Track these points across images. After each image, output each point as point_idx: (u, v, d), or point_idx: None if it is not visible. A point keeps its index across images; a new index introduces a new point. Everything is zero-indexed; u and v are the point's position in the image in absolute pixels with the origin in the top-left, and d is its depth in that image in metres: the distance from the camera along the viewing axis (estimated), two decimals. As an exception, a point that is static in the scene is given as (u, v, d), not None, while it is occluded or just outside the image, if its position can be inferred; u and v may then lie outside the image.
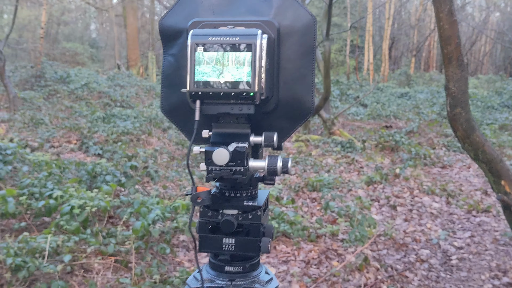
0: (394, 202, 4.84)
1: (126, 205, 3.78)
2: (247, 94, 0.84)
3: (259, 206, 0.90)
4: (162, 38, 0.95)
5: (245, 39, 0.82)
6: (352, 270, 3.22)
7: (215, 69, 0.83)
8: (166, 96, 0.95)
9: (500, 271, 3.35)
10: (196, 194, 0.86)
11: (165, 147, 6.41)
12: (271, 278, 0.90)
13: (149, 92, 11.82)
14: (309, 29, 0.89)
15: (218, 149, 0.83)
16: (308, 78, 0.90)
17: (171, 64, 0.93)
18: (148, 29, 23.48)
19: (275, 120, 0.92)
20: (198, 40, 0.83)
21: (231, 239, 0.90)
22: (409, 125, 8.52)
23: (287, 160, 0.87)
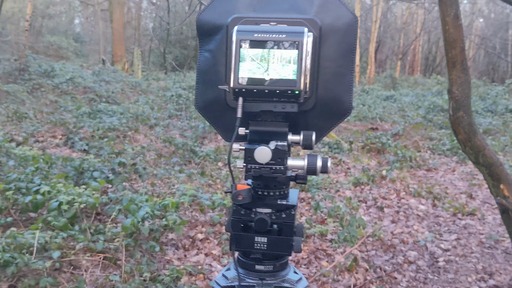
0: (381, 204, 4.87)
1: (114, 202, 3.74)
2: (292, 92, 0.83)
3: (293, 205, 0.89)
4: (200, 33, 0.93)
5: (292, 37, 0.81)
6: (341, 271, 3.23)
7: (260, 66, 0.82)
8: (201, 92, 0.93)
9: (486, 274, 3.39)
10: (237, 192, 0.85)
11: (152, 144, 6.35)
12: (301, 277, 0.89)
13: (134, 88, 11.72)
14: (350, 28, 0.89)
15: (260, 147, 0.82)
16: (348, 77, 0.89)
17: (208, 60, 0.92)
18: (134, 25, 23.28)
19: (313, 119, 0.91)
20: (243, 36, 0.82)
21: (264, 238, 0.89)
22: (395, 128, 8.60)
23: (327, 160, 0.87)
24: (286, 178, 0.88)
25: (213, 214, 3.90)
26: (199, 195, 4.07)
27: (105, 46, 23.28)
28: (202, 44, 0.93)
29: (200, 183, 4.71)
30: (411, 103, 11.80)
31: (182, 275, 2.93)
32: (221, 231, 3.69)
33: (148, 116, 8.05)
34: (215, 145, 6.89)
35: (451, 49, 1.59)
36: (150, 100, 9.77)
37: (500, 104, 11.13)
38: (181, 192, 4.14)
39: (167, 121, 8.04)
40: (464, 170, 6.45)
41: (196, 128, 7.54)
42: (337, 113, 0.91)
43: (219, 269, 3.17)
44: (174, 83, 13.33)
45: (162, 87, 12.30)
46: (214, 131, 7.60)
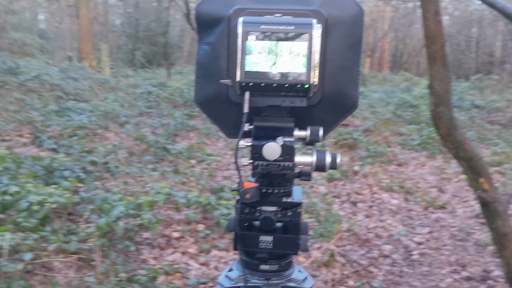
0: (355, 199, 4.92)
1: (86, 202, 3.65)
2: (302, 86, 0.80)
3: (299, 202, 0.87)
4: (199, 25, 0.89)
5: (301, 29, 0.78)
6: (319, 266, 3.25)
7: (268, 59, 0.79)
8: (201, 87, 0.89)
9: (459, 266, 3.47)
10: (245, 190, 0.81)
11: (123, 142, 6.24)
12: (306, 276, 0.87)
13: (103, 86, 11.48)
14: (356, 20, 0.86)
15: (269, 144, 0.79)
16: (354, 71, 0.87)
17: (208, 53, 0.88)
18: (102, 21, 22.83)
19: (319, 114, 0.89)
20: (249, 28, 0.78)
21: (269, 237, 0.86)
22: (366, 124, 8.70)
23: (336, 156, 0.85)
24: (294, 175, 0.85)
25: (189, 212, 3.86)
26: (173, 193, 4.02)
27: (72, 42, 22.76)
28: (202, 36, 0.89)
29: (174, 181, 4.65)
30: (380, 99, 11.97)
31: (159, 275, 2.89)
32: (197, 229, 3.65)
33: (118, 113, 7.90)
34: (188, 142, 6.82)
35: (432, 44, 1.60)
36: (120, 97, 9.59)
37: (466, 99, 11.41)
38: (155, 190, 4.08)
39: (138, 118, 7.91)
40: (433, 164, 6.58)
41: (167, 125, 7.45)
42: (344, 108, 0.89)
43: (196, 268, 3.14)
44: (143, 80, 13.14)
45: (132, 84, 12.10)
46: (186, 129, 7.52)
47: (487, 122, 9.69)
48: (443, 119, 1.66)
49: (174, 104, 9.48)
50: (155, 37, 20.78)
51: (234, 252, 3.41)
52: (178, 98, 9.77)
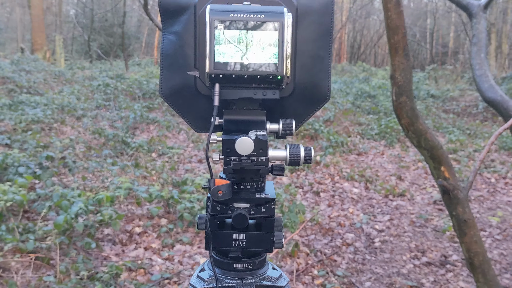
0: (317, 189, 4.97)
1: (43, 199, 3.53)
2: (274, 78, 0.77)
3: (273, 198, 0.84)
4: (163, 14, 0.84)
5: (272, 17, 0.75)
6: (284, 257, 3.26)
7: (238, 49, 0.75)
8: (167, 79, 0.84)
9: (419, 252, 3.56)
10: (216, 187, 0.77)
11: (80, 136, 6.07)
12: (281, 274, 0.85)
13: (58, 78, 11.12)
14: (327, 8, 0.83)
15: (241, 138, 0.75)
16: (325, 61, 0.84)
17: (173, 43, 0.83)
18: (55, 11, 22.06)
19: (291, 106, 0.85)
20: (218, 16, 0.75)
21: (242, 235, 0.83)
22: (326, 114, 8.79)
23: (310, 149, 0.82)
24: (267, 170, 0.83)
25: (151, 206, 3.79)
26: (134, 188, 3.94)
27: (24, 33, 21.93)
28: (166, 26, 0.84)
29: (135, 175, 4.56)
30: (340, 90, 12.11)
31: (122, 271, 2.83)
32: (160, 224, 3.60)
33: (75, 107, 7.68)
34: (148, 135, 6.71)
35: (394, 35, 1.61)
36: (76, 90, 9.32)
37: (422, 89, 11.71)
38: (115, 185, 3.99)
39: (95, 111, 7.71)
40: (392, 153, 6.73)
41: (126, 118, 7.30)
42: (316, 99, 0.86)
43: (160, 263, 3.09)
44: (100, 72, 12.81)
45: (88, 76, 11.77)
46: (146, 121, 7.39)
47: (442, 111, 9.99)
48: (405, 109, 1.68)
49: (132, 97, 9.29)
50: (111, 28, 20.27)
51: (198, 246, 3.37)
52: (137, 90, 9.58)
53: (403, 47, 1.61)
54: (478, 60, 2.60)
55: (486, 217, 4.39)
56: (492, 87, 2.46)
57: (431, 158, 1.74)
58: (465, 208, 1.75)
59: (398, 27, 1.60)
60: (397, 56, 1.62)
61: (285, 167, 0.87)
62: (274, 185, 4.89)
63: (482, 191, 5.18)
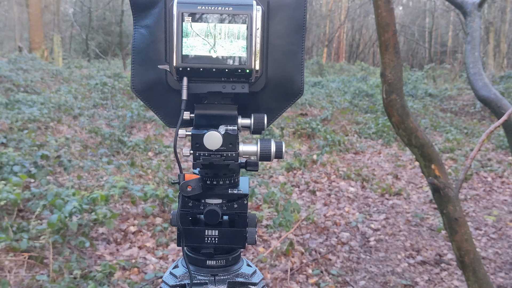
0: (314, 187, 4.97)
1: (38, 197, 3.52)
2: (243, 71, 0.76)
3: (245, 194, 0.83)
4: (133, 7, 0.83)
5: (240, 10, 0.74)
6: (278, 256, 3.25)
7: (206, 42, 0.75)
8: (139, 74, 0.84)
9: (414, 250, 3.56)
10: (185, 182, 0.77)
11: (76, 135, 6.05)
12: (255, 270, 0.85)
13: (56, 77, 11.10)
14: (300, 3, 0.83)
15: (210, 132, 0.75)
16: (298, 56, 0.84)
17: (145, 37, 0.83)
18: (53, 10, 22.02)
19: (263, 101, 0.85)
20: (185, 9, 0.74)
21: (214, 231, 0.83)
22: (324, 113, 8.79)
23: (281, 144, 0.81)
24: (237, 165, 0.82)
25: (145, 205, 3.78)
26: (129, 187, 3.93)
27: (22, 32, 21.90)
28: (137, 19, 0.84)
29: (131, 174, 4.55)
30: (337, 89, 12.11)
31: (115, 270, 2.82)
32: (155, 223, 3.59)
33: (72, 105, 7.66)
34: (144, 134, 6.69)
35: (384, 32, 1.61)
36: (73, 89, 9.30)
37: (420, 88, 11.71)
38: (110, 184, 3.98)
39: (92, 110, 7.70)
40: (389, 152, 6.72)
41: (123, 117, 7.29)
42: (289, 94, 0.86)
43: (154, 262, 3.08)
44: (98, 70, 12.80)
45: (86, 75, 11.76)
46: (143, 120, 7.38)
47: (440, 110, 9.99)
48: (396, 107, 1.67)
49: (130, 95, 9.27)
50: (109, 27, 20.27)
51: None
52: (135, 89, 9.57)
53: (393, 45, 1.61)
54: (472, 58, 2.60)
55: (482, 216, 4.38)
56: (486, 86, 2.46)
57: (421, 156, 1.74)
58: (456, 206, 1.75)
59: (389, 24, 1.59)
60: (387, 53, 1.62)
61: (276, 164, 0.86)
62: (270, 183, 4.88)
63: (479, 190, 5.17)
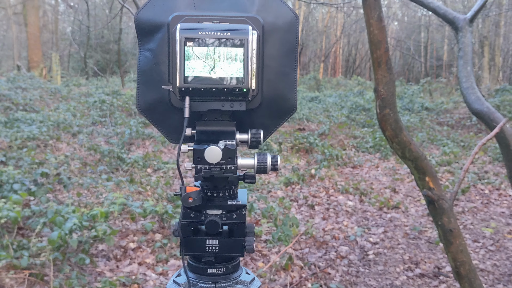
0: (312, 202, 4.99)
1: (38, 215, 3.54)
2: (240, 90, 0.82)
3: (244, 205, 0.88)
4: (139, 32, 0.90)
5: (237, 35, 0.80)
6: (277, 270, 3.27)
7: (206, 64, 0.81)
8: (143, 93, 0.90)
9: (413, 263, 3.57)
10: (187, 194, 0.82)
11: (76, 152, 6.09)
12: (253, 278, 0.89)
13: (54, 95, 11.18)
14: (292, 27, 0.89)
15: (210, 147, 0.81)
16: (291, 76, 0.90)
17: (149, 60, 0.89)
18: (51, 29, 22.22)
19: (259, 118, 0.91)
20: (187, 34, 0.80)
21: (215, 240, 0.88)
22: (321, 128, 8.85)
23: (276, 158, 0.87)
24: (236, 178, 0.87)
25: (145, 222, 3.80)
26: (129, 203, 3.95)
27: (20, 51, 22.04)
28: (142, 43, 0.90)
29: (130, 190, 4.58)
30: (334, 103, 12.20)
31: (115, 287, 2.83)
32: (154, 239, 3.61)
33: (70, 123, 7.71)
34: (143, 151, 6.73)
35: (376, 49, 1.66)
36: (72, 106, 9.36)
37: (416, 102, 11.80)
38: (110, 201, 4.00)
39: (91, 128, 7.74)
40: (387, 166, 6.76)
41: (122, 134, 7.33)
42: (283, 111, 0.92)
43: (154, 278, 3.09)
44: (96, 88, 12.88)
45: (84, 93, 11.83)
46: (141, 137, 7.42)
47: (436, 124, 10.05)
48: (389, 121, 1.71)
49: (128, 113, 9.33)
50: (108, 45, 20.42)
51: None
52: (133, 106, 9.63)
53: (385, 61, 1.66)
54: (465, 73, 2.65)
55: (479, 228, 4.41)
56: (479, 99, 2.51)
57: (415, 169, 1.77)
58: (450, 217, 1.78)
59: (380, 42, 1.64)
60: (380, 70, 1.66)
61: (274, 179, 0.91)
62: (269, 198, 4.91)
63: (476, 202, 5.20)
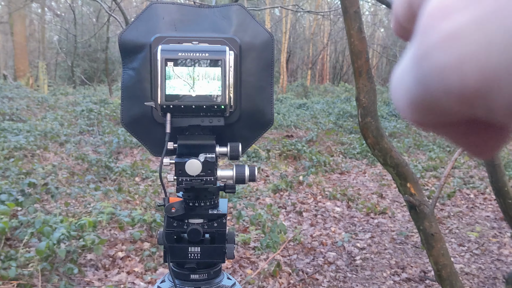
0: (300, 208, 5.03)
1: (25, 226, 3.53)
2: (218, 107, 0.87)
3: (224, 213, 0.93)
4: (122, 52, 0.94)
5: (214, 55, 0.85)
6: (266, 277, 3.29)
7: (186, 83, 0.85)
8: (127, 109, 0.95)
9: (399, 268, 3.62)
10: (170, 204, 0.87)
11: (63, 162, 6.07)
12: (234, 283, 0.93)
13: (41, 104, 11.12)
14: (267, 46, 0.95)
15: (190, 160, 0.85)
16: (268, 90, 0.95)
17: (132, 78, 0.93)
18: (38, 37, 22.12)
19: (238, 131, 0.96)
20: (168, 55, 0.84)
21: (197, 248, 0.92)
22: (309, 134, 8.91)
23: (254, 169, 0.91)
24: (216, 188, 0.91)
25: (133, 230, 3.81)
26: (117, 212, 3.96)
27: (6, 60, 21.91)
28: (126, 62, 0.94)
29: (118, 199, 4.58)
30: (322, 110, 12.28)
31: (104, 296, 2.84)
32: (143, 248, 3.61)
33: (58, 133, 7.68)
34: (131, 160, 6.72)
35: (357, 59, 1.71)
36: (59, 116, 9.33)
37: (403, 108, 11.91)
38: (98, 210, 4.00)
39: (79, 137, 7.72)
40: (374, 171, 6.83)
41: (110, 143, 7.32)
42: (261, 124, 0.97)
43: (143, 287, 3.10)
44: (84, 97, 12.84)
45: (71, 102, 11.79)
46: (129, 146, 7.41)
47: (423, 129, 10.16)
48: (371, 129, 1.76)
49: (116, 121, 9.31)
50: (95, 53, 20.37)
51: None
52: (121, 115, 9.61)
53: (366, 71, 1.70)
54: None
55: (465, 232, 4.47)
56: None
57: (397, 175, 1.82)
58: (432, 222, 1.82)
59: (361, 52, 1.69)
60: (361, 79, 1.71)
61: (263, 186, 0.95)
62: (257, 205, 4.94)
63: (462, 206, 5.28)
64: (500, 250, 4.04)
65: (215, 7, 0.95)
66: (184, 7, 0.95)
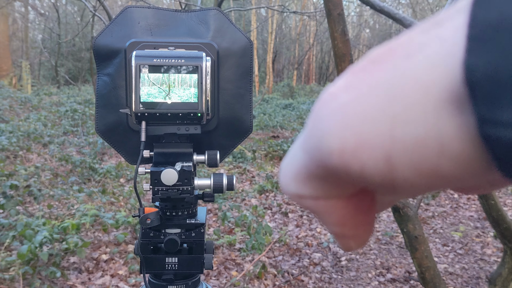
0: (286, 209, 5.02)
1: (7, 228, 3.48)
2: (195, 115, 0.84)
3: (202, 223, 0.90)
4: (97, 58, 0.91)
5: (191, 62, 0.82)
6: (251, 279, 3.28)
7: (161, 90, 0.82)
8: (102, 116, 0.91)
9: (384, 268, 3.64)
10: (145, 215, 0.84)
11: (46, 163, 5.99)
12: None
13: (24, 105, 10.98)
14: (246, 51, 0.92)
15: (166, 169, 0.82)
16: (246, 98, 0.93)
17: (107, 84, 0.90)
18: (21, 37, 21.82)
19: (216, 139, 0.93)
20: (142, 61, 0.82)
21: (174, 258, 0.90)
22: (295, 135, 8.92)
23: (232, 177, 0.89)
24: (194, 197, 0.89)
25: (117, 233, 3.77)
26: (101, 215, 3.92)
27: (-12, 59, 21.56)
28: (100, 68, 0.91)
29: (102, 201, 4.53)
30: (308, 110, 12.31)
31: (87, 300, 2.80)
32: (127, 250, 3.58)
33: (41, 133, 7.59)
34: (116, 160, 6.66)
35: (341, 62, 1.70)
36: (43, 116, 9.22)
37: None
38: (81, 212, 3.96)
39: (62, 138, 7.64)
40: (359, 172, 6.86)
41: (94, 144, 7.25)
42: (239, 132, 0.95)
43: (127, 290, 3.07)
44: (68, 97, 12.71)
45: (55, 102, 11.66)
46: (114, 147, 7.34)
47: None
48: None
49: (101, 122, 9.22)
50: (79, 53, 20.18)
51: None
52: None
53: (350, 74, 1.70)
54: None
55: (449, 232, 4.51)
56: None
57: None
58: (416, 224, 1.83)
59: (345, 55, 1.69)
60: (345, 82, 1.70)
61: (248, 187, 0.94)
62: (243, 207, 4.92)
63: (446, 207, 5.32)
64: (483, 249, 4.08)
65: (192, 11, 0.92)
66: (160, 11, 0.92)
